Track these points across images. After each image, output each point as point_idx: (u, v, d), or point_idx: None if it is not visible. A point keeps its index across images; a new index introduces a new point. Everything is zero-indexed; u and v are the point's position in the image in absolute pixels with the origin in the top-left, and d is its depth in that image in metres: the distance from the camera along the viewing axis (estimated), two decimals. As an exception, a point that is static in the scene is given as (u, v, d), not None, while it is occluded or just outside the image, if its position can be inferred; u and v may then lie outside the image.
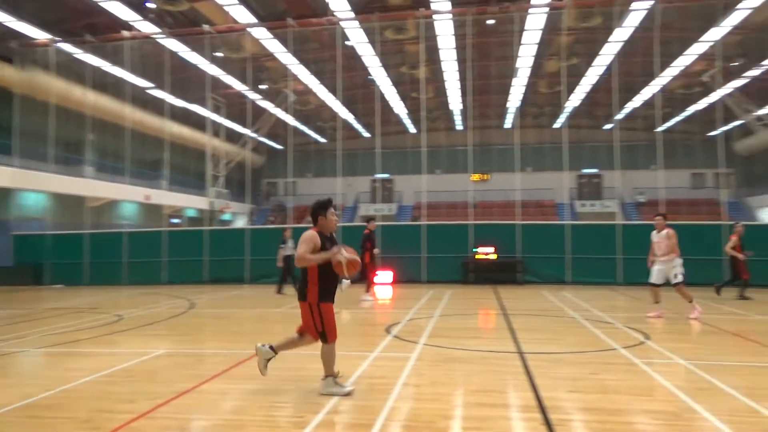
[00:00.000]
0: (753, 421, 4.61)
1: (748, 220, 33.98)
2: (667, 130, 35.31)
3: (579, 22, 22.37)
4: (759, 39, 22.72)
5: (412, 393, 5.51)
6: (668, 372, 6.21)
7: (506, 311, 11.44)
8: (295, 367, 6.53)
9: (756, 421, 4.61)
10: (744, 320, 10.47)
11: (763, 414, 4.76)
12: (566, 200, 38.07)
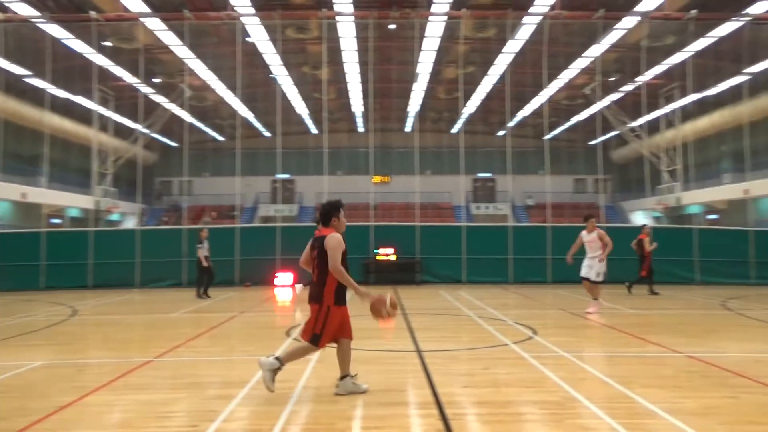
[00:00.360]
0: (626, 406, 5.03)
1: (622, 223, 37.18)
2: (554, 138, 37.75)
3: (475, 32, 23.37)
4: (633, 57, 24.91)
5: (311, 396, 5.47)
6: (553, 364, 6.62)
7: (405, 311, 11.68)
8: (188, 374, 6.26)
9: (629, 406, 5.03)
10: (618, 314, 11.40)
11: (635, 399, 5.21)
12: (462, 203, 39.57)
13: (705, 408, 4.98)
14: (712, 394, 5.48)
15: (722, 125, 28.94)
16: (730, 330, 9.74)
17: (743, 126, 24.49)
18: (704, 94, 28.13)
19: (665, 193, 26.14)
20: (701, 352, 7.43)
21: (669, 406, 4.96)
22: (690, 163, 26.63)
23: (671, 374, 6.39)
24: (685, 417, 4.68)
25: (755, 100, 25.30)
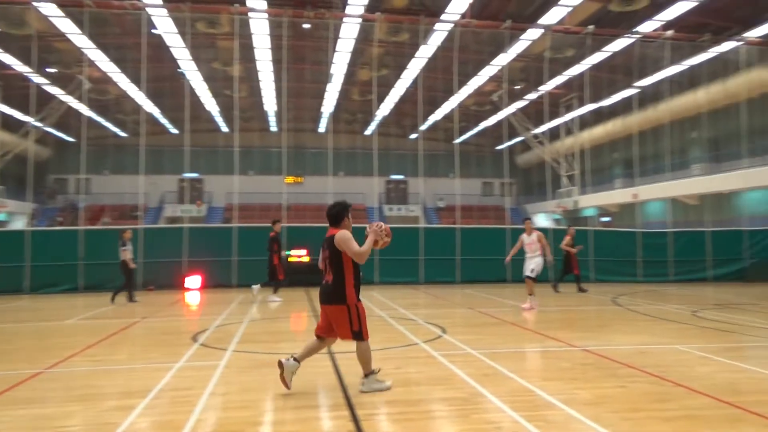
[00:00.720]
0: (528, 399, 5.29)
1: (527, 225, 39.03)
2: (463, 142, 39.01)
3: (389, 35, 23.68)
4: (536, 67, 26.26)
5: (219, 402, 5.31)
6: (461, 362, 6.84)
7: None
8: (84, 385, 5.87)
9: (530, 399, 5.30)
10: (521, 311, 11.96)
11: (536, 392, 5.49)
12: (376, 204, 39.95)
13: (597, 397, 5.34)
14: (604, 384, 5.89)
15: (615, 134, 31.19)
16: (620, 324, 10.50)
17: (633, 135, 26.51)
18: (599, 105, 30.19)
19: (564, 196, 27.77)
20: (595, 346, 7.96)
21: (566, 397, 5.28)
22: (586, 169, 28.49)
23: (568, 367, 6.79)
24: (580, 407, 5.00)
25: (643, 112, 27.46)
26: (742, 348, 8.14)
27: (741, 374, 6.37)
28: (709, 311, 12.03)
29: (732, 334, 9.19)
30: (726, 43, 21.96)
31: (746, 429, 4.48)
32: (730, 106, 23.17)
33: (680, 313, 11.64)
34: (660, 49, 22.28)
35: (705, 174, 26.43)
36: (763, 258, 20.44)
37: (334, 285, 5.48)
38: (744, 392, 5.54)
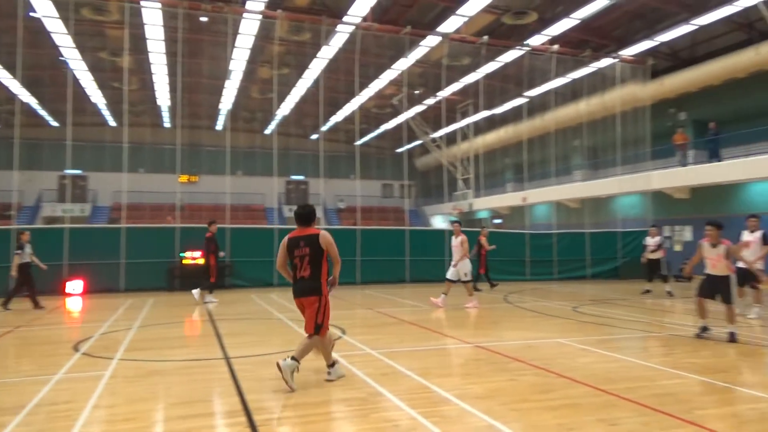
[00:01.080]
0: (426, 396, 5.44)
1: (424, 226, 40.13)
2: (364, 144, 39.36)
3: (291, 34, 23.37)
4: (435, 73, 27.08)
5: (104, 415, 4.98)
6: (361, 362, 6.91)
7: (213, 317, 11.23)
8: (-56, 404, 5.27)
9: (428, 396, 5.46)
10: (420, 311, 12.29)
11: (432, 389, 5.67)
12: (275, 205, 39.27)
13: (489, 391, 5.61)
14: (495, 378, 6.19)
15: (506, 140, 32.88)
16: (509, 321, 11.09)
17: (523, 142, 28.09)
18: (493, 112, 31.69)
19: (460, 199, 28.85)
20: (487, 342, 8.35)
21: (460, 392, 5.49)
22: (481, 173, 29.79)
23: (462, 363, 7.08)
24: (473, 401, 5.22)
25: (532, 120, 29.19)
26: (616, 339, 8.89)
27: (615, 364, 6.95)
28: (587, 307, 13.02)
29: (607, 327, 10.01)
30: (604, 59, 23.88)
31: (619, 413, 4.90)
32: (607, 118, 25.23)
33: (563, 309, 12.49)
34: (547, 62, 23.79)
35: (585, 180, 28.58)
36: (633, 257, 22.44)
37: (311, 279, 5.93)
38: (617, 380, 6.05)
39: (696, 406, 5.16)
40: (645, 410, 4.97)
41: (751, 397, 5.48)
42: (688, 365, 6.84)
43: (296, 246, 5.98)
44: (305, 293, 5.94)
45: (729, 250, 8.40)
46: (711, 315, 8.88)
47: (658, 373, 6.41)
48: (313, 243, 5.91)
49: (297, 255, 5.96)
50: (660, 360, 7.20)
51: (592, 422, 4.66)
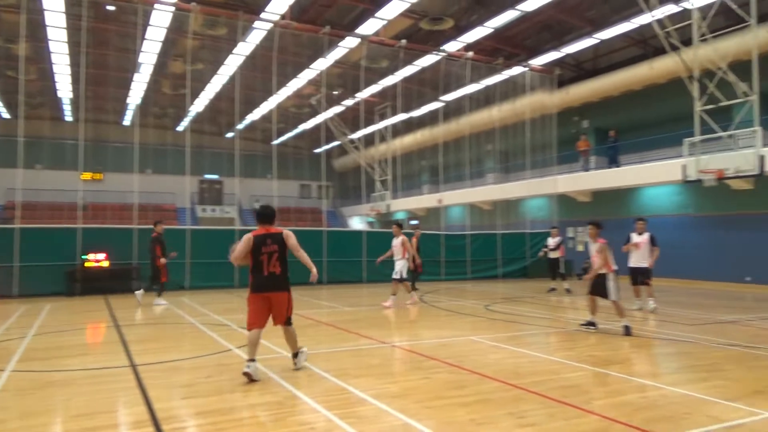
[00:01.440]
0: (342, 397, 5.44)
1: (341, 227, 40.13)
2: (282, 143, 38.82)
3: (205, 28, 22.60)
4: (353, 75, 27.15)
5: (-7, 431, 4.59)
6: (277, 365, 6.80)
7: (119, 323, 10.65)
8: None
9: (345, 397, 5.46)
10: (336, 312, 12.28)
11: (349, 390, 5.68)
12: (187, 205, 37.86)
13: (404, 390, 5.70)
14: (411, 377, 6.31)
15: (423, 143, 33.54)
16: (425, 320, 11.32)
17: (439, 145, 28.77)
18: (410, 115, 32.23)
19: (378, 200, 29.08)
20: (403, 341, 8.48)
21: (376, 392, 5.54)
22: (398, 175, 30.18)
23: (378, 363, 7.14)
24: (389, 400, 5.29)
25: (447, 124, 29.96)
26: (524, 336, 9.31)
27: (523, 359, 7.28)
28: (498, 305, 13.55)
29: (516, 324, 10.46)
30: (515, 67, 24.94)
31: (527, 406, 5.13)
32: (518, 124, 26.36)
33: (475, 308, 12.92)
34: (462, 68, 24.50)
35: (497, 183, 29.72)
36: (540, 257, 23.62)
37: (282, 275, 6.33)
38: (525, 374, 6.34)
39: (595, 397, 5.50)
40: (550, 402, 5.24)
41: (642, 386, 5.92)
42: (589, 358, 7.28)
43: (263, 244, 6.30)
44: (277, 289, 6.32)
45: (600, 248, 9.09)
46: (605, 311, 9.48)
47: (562, 367, 6.78)
48: (280, 241, 6.33)
49: (265, 252, 6.29)
50: (564, 354, 7.61)
51: (502, 416, 4.85)
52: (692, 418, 4.83)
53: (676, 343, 8.59)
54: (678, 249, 20.10)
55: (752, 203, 18.44)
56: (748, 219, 18.48)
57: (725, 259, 19.00)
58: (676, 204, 21.13)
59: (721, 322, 10.69)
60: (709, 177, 14.13)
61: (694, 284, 19.27)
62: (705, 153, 14.43)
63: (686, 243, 20.08)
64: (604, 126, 24.97)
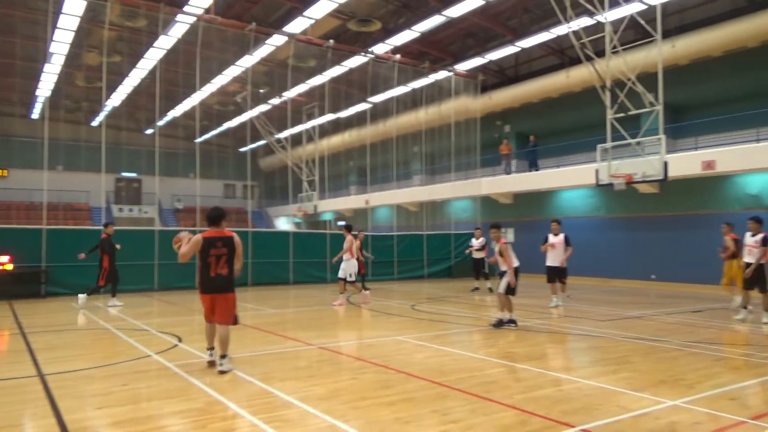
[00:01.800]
0: (267, 401, 5.35)
1: (267, 228, 39.47)
2: (205, 141, 37.65)
3: (123, 19, 21.54)
4: (280, 73, 26.75)
5: None
6: (199, 371, 6.59)
7: (24, 330, 9.95)
8: None
9: (270, 401, 5.37)
10: (261, 314, 12.05)
11: (274, 393, 5.59)
12: (103, 204, 35.90)
13: (331, 391, 5.68)
14: (338, 378, 6.30)
15: (351, 144, 33.58)
16: (352, 321, 11.34)
17: (366, 146, 28.88)
18: (338, 115, 32.17)
19: (305, 200, 28.79)
20: (329, 343, 8.45)
21: (302, 395, 5.49)
22: (325, 175, 30.05)
23: (305, 365, 7.09)
24: (315, 402, 5.26)
25: (375, 126, 30.15)
26: (448, 334, 9.52)
27: (447, 357, 7.44)
28: (424, 304, 13.78)
29: (441, 323, 10.69)
30: (441, 71, 25.48)
31: (451, 403, 5.25)
32: (443, 127, 26.93)
33: (401, 307, 13.08)
34: (390, 70, 24.73)
35: (423, 184, 30.23)
36: (464, 257, 24.25)
37: (228, 277, 6.54)
38: (449, 372, 6.49)
39: (515, 392, 5.71)
40: (473, 398, 5.39)
41: (559, 380, 6.21)
42: (509, 354, 7.56)
43: (213, 246, 6.50)
44: (223, 290, 6.54)
45: (501, 248, 9.71)
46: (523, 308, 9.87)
47: (485, 364, 6.99)
48: (230, 245, 6.57)
49: (213, 254, 6.48)
50: (486, 351, 7.85)
51: (427, 414, 4.94)
52: (604, 409, 5.11)
53: (589, 338, 9.07)
54: (591, 249, 21.26)
55: (657, 206, 19.78)
56: (653, 221, 19.80)
57: (633, 259, 20.27)
58: (589, 206, 22.31)
59: (629, 318, 11.40)
60: (619, 181, 15.01)
61: (606, 282, 20.43)
62: (616, 158, 15.32)
63: (599, 243, 21.26)
64: (525, 131, 25.98)
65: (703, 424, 4.70)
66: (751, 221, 10.54)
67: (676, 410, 5.10)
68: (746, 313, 10.68)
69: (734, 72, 18.52)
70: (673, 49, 18.28)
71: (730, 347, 8.26)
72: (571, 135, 23.46)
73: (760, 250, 10.17)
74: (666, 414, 4.99)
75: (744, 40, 17.39)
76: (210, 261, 6.48)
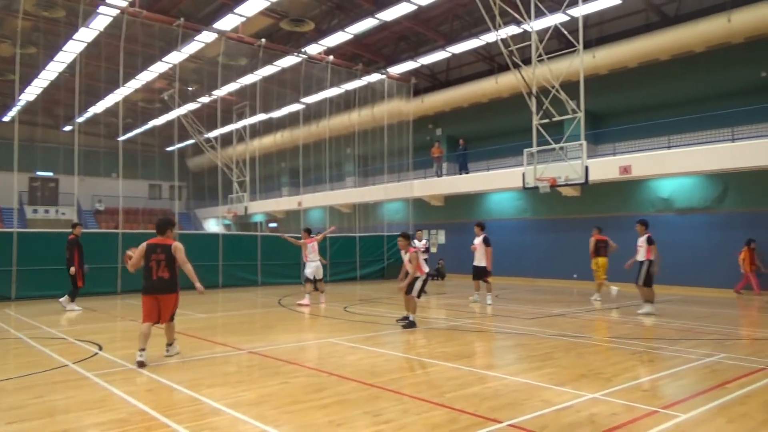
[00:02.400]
0: (195, 409, 5.19)
1: (196, 230, 38.33)
2: (129, 140, 36.09)
3: (39, 9, 20.30)
4: (210, 71, 26.05)
5: None
6: (121, 379, 6.30)
7: None
8: None
9: (197, 408, 5.21)
10: (188, 319, 11.68)
11: (202, 400, 5.43)
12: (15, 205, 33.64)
13: (261, 396, 5.58)
14: (268, 383, 6.19)
15: (283, 145, 33.14)
16: (284, 324, 11.19)
17: (299, 147, 28.61)
18: (270, 116, 31.68)
19: (235, 202, 28.16)
20: (260, 347, 8.31)
21: (232, 401, 5.37)
22: (257, 176, 29.51)
23: (234, 371, 6.93)
24: (245, 408, 5.15)
25: (308, 127, 29.92)
26: (381, 335, 9.59)
27: (380, 358, 7.49)
28: (356, 306, 13.81)
29: (374, 325, 10.74)
30: (374, 74, 25.62)
31: (383, 404, 5.29)
32: (376, 129, 27.08)
33: (334, 309, 13.05)
34: (323, 71, 24.60)
35: (356, 186, 30.28)
36: (397, 259, 24.49)
37: (170, 280, 7.28)
38: (382, 373, 6.53)
39: (446, 390, 5.82)
40: (405, 398, 5.45)
41: (486, 377, 6.39)
42: (441, 354, 7.70)
43: (154, 252, 7.28)
44: (164, 291, 7.27)
45: (411, 257, 10.00)
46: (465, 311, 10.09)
47: (417, 364, 7.09)
48: (168, 252, 7.28)
49: (153, 259, 7.24)
50: (418, 351, 7.97)
51: (359, 415, 4.95)
52: (529, 404, 5.30)
53: (515, 336, 9.38)
54: (518, 250, 22.02)
55: (579, 209, 20.74)
56: (575, 222, 20.74)
57: (557, 259, 21.15)
58: (517, 208, 23.09)
59: (553, 316, 11.89)
60: (544, 184, 15.62)
61: (532, 282, 21.21)
62: (541, 163, 15.94)
63: (525, 244, 22.04)
64: (456, 135, 26.55)
65: (619, 415, 4.97)
66: (638, 224, 12.21)
67: (596, 403, 5.36)
68: (650, 307, 11.85)
69: (648, 82, 19.70)
70: (594, 60, 19.25)
71: (644, 341, 8.78)
72: (500, 139, 24.21)
73: (645, 249, 11.82)
74: (586, 406, 5.24)
75: (656, 53, 18.55)
76: (151, 265, 7.25)
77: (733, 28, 16.52)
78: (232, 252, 20.13)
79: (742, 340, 9.12)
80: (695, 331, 9.89)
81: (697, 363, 7.16)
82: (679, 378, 6.46)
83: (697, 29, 17.28)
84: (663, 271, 13.19)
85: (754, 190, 16.86)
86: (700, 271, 17.41)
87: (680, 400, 5.48)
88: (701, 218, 17.91)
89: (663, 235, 15.32)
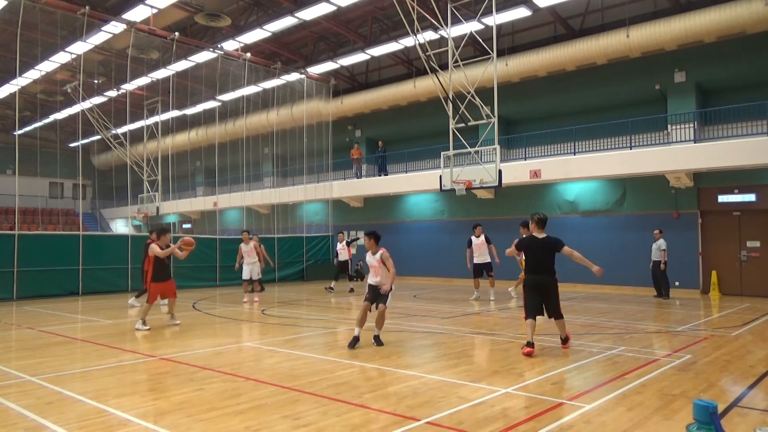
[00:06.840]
0: (101, 421, 4.89)
1: (102, 231, 36.23)
2: (27, 134, 33.56)
3: None
4: (119, 64, 24.72)
5: None
6: (16, 392, 5.84)
7: None
8: None
9: (103, 420, 4.92)
10: (94, 326, 11.02)
11: (109, 411, 5.14)
12: None
13: (174, 405, 5.36)
14: (182, 390, 5.96)
15: (197, 143, 32.02)
16: (197, 329, 10.80)
17: (215, 145, 27.75)
18: (184, 112, 30.51)
19: (146, 202, 26.87)
20: (172, 353, 7.98)
21: (141, 411, 5.12)
22: (169, 175, 28.33)
23: (145, 379, 6.61)
24: (156, 417, 4.93)
25: (224, 124, 29.10)
26: (300, 338, 9.49)
27: (299, 361, 7.41)
28: (275, 309, 13.58)
29: (292, 327, 10.61)
30: (293, 73, 25.31)
31: (302, 407, 5.24)
32: (295, 129, 26.76)
33: (252, 313, 12.77)
34: (240, 69, 23.98)
35: (274, 186, 29.76)
36: (316, 260, 24.37)
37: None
38: (301, 376, 6.46)
39: (365, 391, 5.85)
40: (324, 400, 5.43)
41: (405, 376, 6.49)
42: (359, 355, 7.73)
43: None
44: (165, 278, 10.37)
45: (384, 256, 8.93)
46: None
47: (336, 365, 7.08)
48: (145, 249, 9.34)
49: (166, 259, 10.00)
50: (338, 353, 7.95)
51: (278, 419, 4.88)
52: (446, 401, 5.44)
53: (433, 335, 9.59)
54: (435, 250, 22.51)
55: (493, 210, 21.50)
56: (490, 224, 21.45)
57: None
58: (434, 210, 23.60)
59: (469, 314, 12.26)
60: (460, 187, 16.09)
61: (450, 281, 21.75)
62: (457, 166, 16.40)
63: (442, 244, 22.56)
64: (375, 136, 26.76)
65: (531, 408, 5.20)
66: (476, 226, 15.16)
67: (509, 397, 5.59)
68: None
69: (556, 91, 20.78)
70: (507, 68, 20.06)
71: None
72: (418, 142, 24.65)
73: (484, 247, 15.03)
74: (500, 401, 5.45)
75: (563, 64, 19.60)
76: (167, 261, 10.41)
77: (631, 42, 17.76)
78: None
79: (638, 333, 9.82)
80: (598, 326, 10.54)
81: (600, 356, 7.64)
82: (585, 370, 6.86)
83: (599, 43, 18.43)
84: (569, 269, 13.95)
85: (649, 195, 18.20)
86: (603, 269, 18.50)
87: (585, 392, 5.82)
88: (603, 220, 19.11)
89: (569, 235, 16.13)
